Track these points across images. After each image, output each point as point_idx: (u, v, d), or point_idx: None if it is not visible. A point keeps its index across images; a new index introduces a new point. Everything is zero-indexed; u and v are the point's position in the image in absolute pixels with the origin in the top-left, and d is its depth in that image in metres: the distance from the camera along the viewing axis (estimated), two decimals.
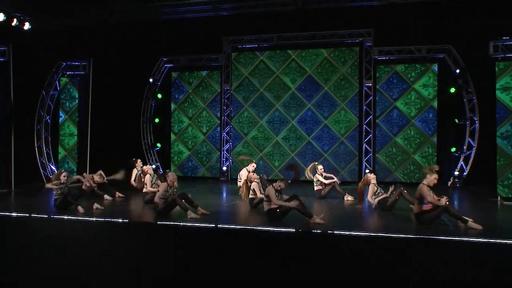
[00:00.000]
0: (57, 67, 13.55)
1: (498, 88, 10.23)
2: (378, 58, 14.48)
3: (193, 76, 16.24)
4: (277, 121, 15.28)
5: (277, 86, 15.24)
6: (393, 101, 14.38)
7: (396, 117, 14.38)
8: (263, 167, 15.18)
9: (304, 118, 15.02)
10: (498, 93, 10.21)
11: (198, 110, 16.18)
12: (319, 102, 14.88)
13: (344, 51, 14.75)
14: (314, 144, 14.91)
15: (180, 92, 16.35)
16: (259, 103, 15.43)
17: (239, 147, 15.59)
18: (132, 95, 15.97)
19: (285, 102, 15.18)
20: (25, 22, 11.19)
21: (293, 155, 15.05)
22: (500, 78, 10.21)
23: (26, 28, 11.26)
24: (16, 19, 10.99)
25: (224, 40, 15.67)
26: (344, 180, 14.09)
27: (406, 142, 14.28)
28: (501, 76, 10.20)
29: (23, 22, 11.15)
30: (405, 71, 14.33)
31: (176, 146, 16.41)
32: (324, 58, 14.88)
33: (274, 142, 15.29)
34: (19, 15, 11.02)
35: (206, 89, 16.13)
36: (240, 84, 15.60)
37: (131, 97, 15.96)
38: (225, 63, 15.74)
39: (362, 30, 14.50)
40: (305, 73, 15.00)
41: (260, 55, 15.43)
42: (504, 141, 10.13)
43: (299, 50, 15.09)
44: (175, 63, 16.34)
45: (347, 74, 14.67)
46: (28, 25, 11.29)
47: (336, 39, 14.70)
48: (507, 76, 10.14)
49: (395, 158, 14.33)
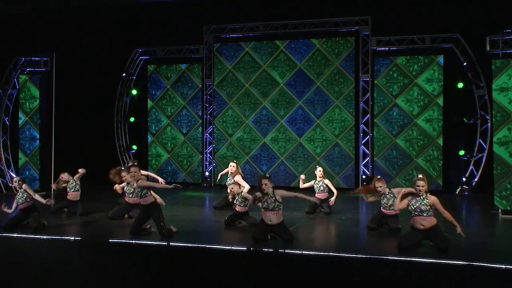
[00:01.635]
0: (15, 63, 14.45)
1: (495, 89, 10.88)
2: (377, 49, 15.17)
3: (172, 69, 17.08)
4: (264, 120, 16.07)
5: (264, 81, 16.02)
6: (393, 98, 15.07)
7: (396, 116, 15.07)
8: (250, 172, 15.99)
9: (295, 117, 15.78)
10: (495, 94, 10.87)
11: (177, 108, 17.03)
12: (311, 99, 15.63)
13: (338, 42, 15.46)
14: (306, 146, 15.68)
15: (157, 87, 17.20)
16: (244, 100, 16.23)
17: (223, 149, 16.42)
18: (103, 92, 16.87)
19: (273, 99, 15.95)
20: None
21: (282, 159, 15.84)
22: (497, 77, 10.86)
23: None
24: None
25: (205, 28, 16.46)
26: (339, 187, 14.80)
27: (408, 144, 14.97)
28: (498, 76, 10.85)
29: None
30: (407, 64, 14.99)
31: (153, 148, 17.29)
32: (316, 50, 15.60)
33: (261, 144, 16.09)
34: None
35: (186, 84, 16.96)
36: (223, 78, 16.41)
37: (102, 94, 16.86)
38: (207, 55, 16.54)
39: (358, 18, 15.19)
40: (295, 67, 15.75)
41: (245, 46, 16.20)
42: (502, 148, 10.81)
43: (288, 41, 15.83)
44: (151, 55, 17.19)
45: (342, 68, 15.39)
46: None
47: (329, 27, 15.40)
48: (504, 75, 10.79)
49: (396, 162, 15.04)
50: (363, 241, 8.79)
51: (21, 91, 14.68)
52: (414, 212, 7.86)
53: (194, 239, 8.31)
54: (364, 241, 8.78)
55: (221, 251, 7.61)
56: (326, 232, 9.78)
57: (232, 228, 9.48)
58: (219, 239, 8.56)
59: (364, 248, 8.10)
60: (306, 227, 9.81)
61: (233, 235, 8.95)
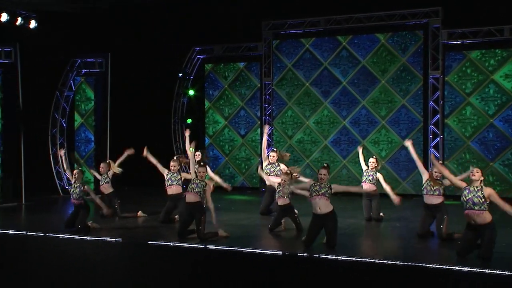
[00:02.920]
0: (71, 64, 15.59)
1: None
2: (448, 43, 15.08)
3: (229, 68, 17.74)
4: (326, 121, 16.37)
5: (325, 79, 16.32)
6: (466, 96, 14.93)
7: (470, 116, 14.92)
8: (311, 176, 16.30)
9: (358, 117, 15.98)
10: None
11: (235, 108, 17.66)
12: (375, 98, 15.77)
13: (405, 36, 15.51)
14: (370, 149, 15.81)
15: (214, 87, 17.92)
16: (304, 100, 16.60)
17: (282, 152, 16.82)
18: (159, 93, 17.77)
19: (335, 98, 16.23)
20: (31, 20, 13.25)
21: (345, 162, 16.07)
22: None
23: (32, 27, 13.31)
24: (21, 18, 13.06)
25: (263, 25, 16.99)
26: (406, 193, 14.88)
27: (483, 147, 14.78)
28: None
29: (29, 20, 13.22)
30: (482, 59, 14.82)
31: (211, 150, 18.00)
32: (381, 45, 15.73)
33: (322, 146, 16.40)
34: (24, 13, 13.07)
35: (244, 84, 17.56)
36: (282, 77, 16.87)
37: (158, 95, 17.76)
38: (266, 53, 17.06)
39: (427, 9, 15.17)
40: (358, 64, 15.94)
41: (306, 42, 16.57)
42: None
43: (351, 36, 16.06)
44: (209, 53, 17.92)
45: (409, 64, 15.42)
46: (34, 23, 13.33)
47: (396, 21, 15.47)
48: None
49: (469, 167, 14.81)
50: (408, 248, 8.95)
51: (77, 93, 15.81)
52: (466, 204, 7.68)
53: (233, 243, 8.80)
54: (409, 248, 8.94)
55: (256, 255, 8.05)
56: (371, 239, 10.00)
57: (277, 233, 9.90)
58: (257, 243, 9.01)
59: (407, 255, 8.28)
60: (355, 233, 10.09)
61: (273, 240, 9.37)
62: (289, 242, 9.15)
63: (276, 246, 8.93)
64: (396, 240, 9.87)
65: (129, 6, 16.01)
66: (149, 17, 17.30)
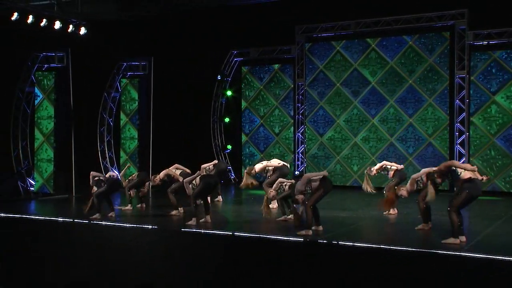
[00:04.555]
0: (118, 67, 16.26)
1: None
2: (474, 44, 15.11)
3: (264, 70, 18.14)
4: (355, 119, 16.59)
5: (355, 80, 16.55)
6: (492, 95, 14.92)
7: (495, 114, 14.91)
8: (341, 172, 16.60)
9: (386, 116, 16.14)
10: None
11: (270, 108, 18.04)
12: (403, 97, 15.90)
13: (432, 38, 15.59)
14: (398, 146, 15.96)
15: (250, 88, 18.35)
16: (335, 99, 16.86)
17: (314, 149, 17.15)
18: (199, 93, 18.33)
19: (364, 98, 16.43)
20: (81, 27, 13.96)
21: (373, 159, 16.22)
22: None
23: (82, 33, 14.02)
24: (72, 25, 13.78)
25: (296, 29, 17.31)
26: None
27: (508, 143, 14.75)
28: None
29: (79, 27, 13.93)
30: (507, 58, 14.79)
31: (247, 148, 18.43)
32: (408, 47, 15.86)
33: (352, 143, 16.62)
34: (75, 20, 13.77)
35: (278, 85, 17.93)
36: (314, 78, 17.17)
37: (197, 96, 18.34)
38: (299, 55, 17.38)
39: (454, 11, 15.22)
40: (386, 65, 16.11)
41: (336, 45, 16.81)
42: None
43: (379, 38, 16.24)
44: (245, 56, 18.37)
45: (436, 64, 15.50)
46: (84, 30, 14.04)
47: (423, 23, 15.57)
48: None
49: (495, 163, 14.87)
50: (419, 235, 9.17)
51: (123, 94, 16.47)
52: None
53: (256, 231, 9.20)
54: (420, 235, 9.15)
55: (281, 242, 8.42)
56: (385, 227, 10.24)
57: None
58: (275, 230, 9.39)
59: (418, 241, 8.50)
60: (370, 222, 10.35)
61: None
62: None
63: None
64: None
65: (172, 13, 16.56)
66: (190, 22, 17.84)
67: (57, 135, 14.84)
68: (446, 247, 7.97)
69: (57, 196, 14.53)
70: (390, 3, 15.77)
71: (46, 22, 13.44)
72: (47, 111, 14.89)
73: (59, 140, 14.83)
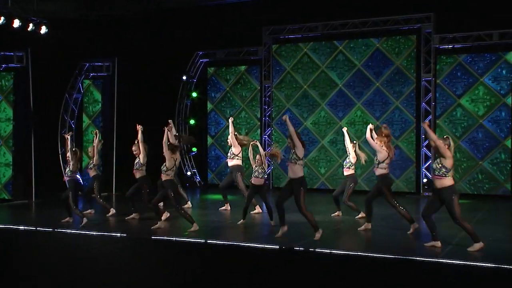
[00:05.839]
0: (80, 68, 15.67)
1: None
2: (440, 47, 15.12)
3: (231, 72, 17.80)
4: (322, 122, 16.42)
5: (322, 82, 16.38)
6: (457, 98, 14.97)
7: (460, 117, 14.96)
8: (308, 175, 16.38)
9: (353, 118, 16.02)
10: None
11: (236, 110, 17.71)
12: (370, 100, 15.81)
13: (399, 40, 15.56)
14: (365, 148, 15.81)
15: (216, 90, 17.98)
16: (302, 102, 16.66)
17: (281, 152, 16.83)
18: (163, 95, 17.84)
19: (332, 100, 16.28)
20: (42, 26, 13.32)
21: (340, 161, 16.05)
22: None
23: (43, 32, 13.39)
24: (32, 24, 13.14)
25: (263, 30, 17.04)
26: (400, 191, 14.95)
27: (472, 146, 14.82)
28: None
29: (40, 25, 13.29)
30: (471, 62, 14.86)
31: (213, 150, 18.06)
32: (375, 49, 15.78)
33: (319, 146, 16.44)
34: (35, 19, 13.15)
35: (245, 86, 17.62)
36: (281, 80, 16.92)
37: (162, 97, 17.83)
38: (266, 57, 17.11)
39: (420, 15, 15.20)
40: (353, 67, 15.99)
41: (304, 47, 16.62)
42: None
43: (347, 41, 16.11)
44: (211, 58, 17.99)
45: (402, 67, 15.47)
46: (45, 29, 13.41)
47: (390, 26, 15.51)
48: None
49: (460, 165, 14.90)
50: (395, 241, 9.03)
51: (85, 95, 15.89)
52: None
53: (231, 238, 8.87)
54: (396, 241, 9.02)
55: (254, 249, 8.11)
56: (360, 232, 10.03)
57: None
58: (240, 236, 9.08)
59: (395, 247, 8.33)
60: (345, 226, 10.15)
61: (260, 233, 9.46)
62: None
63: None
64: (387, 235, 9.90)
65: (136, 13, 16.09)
66: (155, 22, 17.38)
67: (16, 138, 14.17)
68: (422, 253, 7.87)
69: (16, 202, 13.88)
70: (358, 6, 15.69)
71: (4, 20, 12.73)
72: (5, 113, 14.20)
73: (18, 143, 14.17)
